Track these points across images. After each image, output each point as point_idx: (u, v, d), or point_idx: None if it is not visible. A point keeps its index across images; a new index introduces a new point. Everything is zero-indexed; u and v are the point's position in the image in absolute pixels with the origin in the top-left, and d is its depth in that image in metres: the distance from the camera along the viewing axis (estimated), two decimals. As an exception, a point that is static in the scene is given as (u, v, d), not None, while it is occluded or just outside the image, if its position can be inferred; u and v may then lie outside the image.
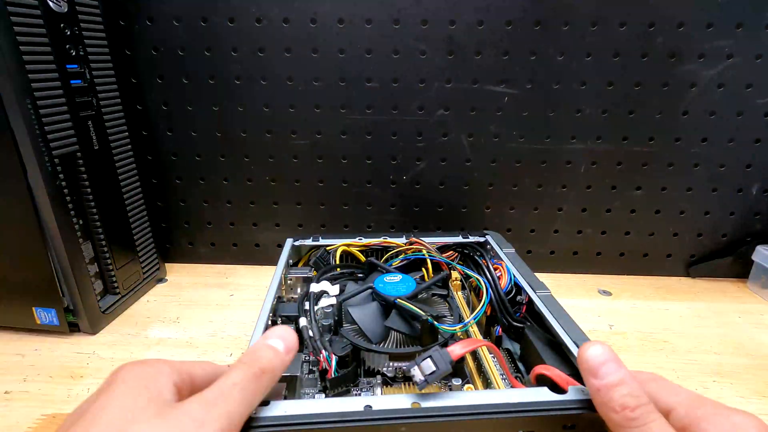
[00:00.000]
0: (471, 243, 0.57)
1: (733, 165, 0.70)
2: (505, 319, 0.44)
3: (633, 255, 0.76)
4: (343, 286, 0.47)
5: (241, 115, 0.68)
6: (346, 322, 0.41)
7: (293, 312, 0.42)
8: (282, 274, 0.49)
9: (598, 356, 0.27)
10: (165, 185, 0.73)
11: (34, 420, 0.45)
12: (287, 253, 0.53)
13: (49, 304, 0.56)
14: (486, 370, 0.38)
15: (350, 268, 0.52)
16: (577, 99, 0.66)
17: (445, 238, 0.58)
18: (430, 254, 0.51)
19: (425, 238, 0.56)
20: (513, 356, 0.44)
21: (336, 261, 0.52)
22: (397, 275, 0.43)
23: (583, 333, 0.36)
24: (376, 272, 0.47)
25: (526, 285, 0.45)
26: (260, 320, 0.38)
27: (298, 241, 0.56)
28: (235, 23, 0.63)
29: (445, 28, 0.63)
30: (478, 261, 0.53)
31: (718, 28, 0.62)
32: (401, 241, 0.55)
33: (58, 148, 0.51)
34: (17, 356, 0.54)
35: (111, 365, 0.54)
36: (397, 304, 0.38)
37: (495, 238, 0.57)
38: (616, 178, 0.71)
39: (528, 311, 0.44)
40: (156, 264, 0.71)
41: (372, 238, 0.55)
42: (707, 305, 0.69)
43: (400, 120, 0.68)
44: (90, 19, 0.55)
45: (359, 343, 0.38)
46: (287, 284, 0.51)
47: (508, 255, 0.52)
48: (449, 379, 0.38)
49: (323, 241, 0.56)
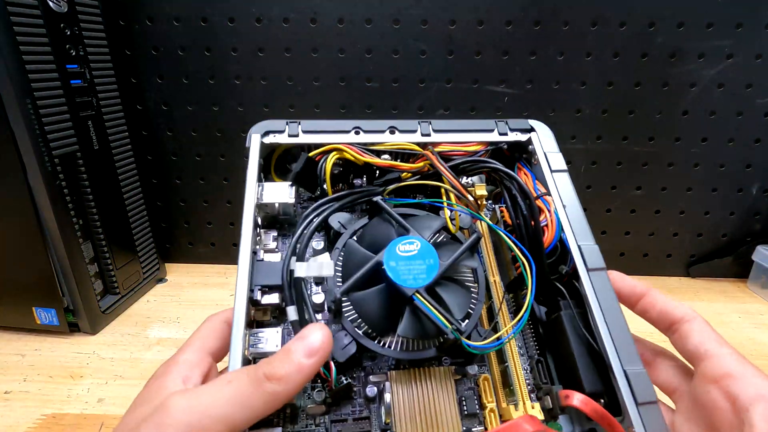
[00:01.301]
0: (510, 143, 0.40)
1: (733, 165, 0.70)
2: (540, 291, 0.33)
3: (633, 255, 0.76)
4: (337, 230, 0.35)
5: (241, 115, 0.68)
6: (347, 306, 0.32)
7: (275, 279, 0.31)
8: (254, 215, 0.33)
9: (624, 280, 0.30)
10: (165, 185, 0.73)
11: (34, 420, 0.45)
12: (256, 161, 0.35)
13: (49, 304, 0.56)
14: (511, 374, 0.32)
15: (349, 197, 0.36)
16: (577, 99, 0.66)
17: (474, 135, 0.39)
18: (450, 203, 0.37)
19: (447, 135, 0.38)
20: (536, 317, 0.35)
21: (327, 180, 0.37)
22: (414, 240, 0.31)
23: (637, 356, 0.28)
24: (381, 219, 0.35)
25: (576, 251, 0.33)
26: (237, 308, 0.29)
27: (268, 135, 0.38)
28: (235, 23, 0.63)
29: (445, 28, 0.63)
30: (519, 202, 0.35)
31: (718, 28, 0.62)
32: (415, 138, 0.38)
33: (58, 148, 0.51)
34: (17, 356, 0.54)
35: (111, 365, 0.54)
36: (415, 303, 0.29)
37: (543, 136, 0.40)
38: (616, 178, 0.71)
39: (568, 283, 0.33)
40: (156, 264, 0.71)
41: (374, 134, 0.38)
42: (707, 305, 0.69)
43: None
44: (90, 19, 0.55)
45: (366, 343, 0.31)
46: (261, 214, 0.36)
47: (560, 181, 0.37)
48: (464, 366, 0.32)
49: (305, 137, 0.37)
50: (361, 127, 0.37)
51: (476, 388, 0.32)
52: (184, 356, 0.28)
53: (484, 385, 0.32)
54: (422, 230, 0.33)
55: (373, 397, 0.31)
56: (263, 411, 0.24)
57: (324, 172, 0.37)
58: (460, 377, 0.32)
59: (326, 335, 0.26)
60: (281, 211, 0.37)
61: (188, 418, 0.22)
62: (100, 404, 0.48)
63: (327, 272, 0.32)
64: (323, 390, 0.30)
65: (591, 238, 0.33)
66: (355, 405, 0.31)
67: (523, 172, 0.39)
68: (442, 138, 0.38)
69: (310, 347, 0.25)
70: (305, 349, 0.25)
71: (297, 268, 0.32)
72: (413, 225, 0.33)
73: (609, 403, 0.28)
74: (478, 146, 0.39)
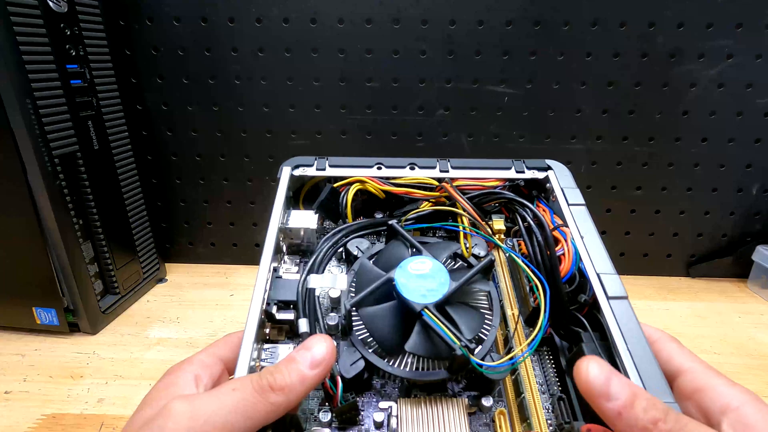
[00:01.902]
0: (527, 180, 0.41)
1: (733, 165, 0.70)
2: (559, 323, 0.34)
3: (633, 255, 0.76)
4: (356, 255, 0.37)
5: (241, 115, 0.68)
6: (356, 323, 0.32)
7: (291, 295, 0.32)
8: (276, 236, 0.35)
9: (600, 375, 0.23)
10: (165, 185, 0.73)
11: (34, 420, 0.46)
12: (284, 190, 0.38)
13: (49, 304, 0.56)
14: (528, 406, 0.30)
15: (368, 225, 0.39)
16: (577, 99, 0.66)
17: (492, 172, 0.41)
18: (465, 227, 0.38)
19: (464, 172, 0.40)
20: (556, 348, 0.34)
21: (348, 207, 0.40)
22: (425, 260, 0.31)
23: (667, 387, 0.26)
24: (396, 242, 0.36)
25: (595, 280, 0.32)
26: (250, 317, 0.30)
27: (299, 169, 0.41)
28: (235, 23, 0.63)
29: (445, 28, 0.63)
30: (533, 230, 0.36)
31: (718, 28, 0.62)
32: (434, 174, 0.40)
33: (58, 148, 0.51)
34: (17, 356, 0.54)
35: (111, 365, 0.54)
36: (423, 319, 0.29)
37: (560, 174, 0.40)
38: (616, 178, 0.71)
39: (589, 314, 0.33)
40: (156, 264, 0.71)
41: (395, 170, 0.41)
42: (707, 305, 0.69)
43: (400, 120, 0.68)
44: (90, 19, 0.55)
45: (374, 360, 0.30)
46: (286, 241, 0.38)
47: (577, 214, 0.36)
48: (478, 398, 0.31)
49: (331, 170, 0.41)
50: (383, 163, 0.41)
51: (492, 424, 0.30)
52: (198, 356, 0.29)
53: (499, 420, 0.30)
54: (437, 254, 0.33)
55: (380, 423, 0.29)
56: (264, 421, 0.24)
57: (345, 202, 0.40)
58: (474, 410, 0.31)
59: (330, 347, 0.26)
60: (305, 240, 0.39)
61: (190, 424, 0.22)
62: (100, 404, 0.48)
63: (340, 285, 0.33)
64: (329, 411, 0.30)
65: (611, 268, 0.33)
66: (362, 431, 0.29)
67: (541, 207, 0.40)
68: (460, 174, 0.41)
69: (314, 359, 0.25)
70: (309, 361, 0.25)
71: (311, 279, 0.33)
72: (428, 249, 0.34)
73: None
74: (496, 182, 0.41)
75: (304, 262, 0.38)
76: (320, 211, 0.41)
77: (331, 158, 0.41)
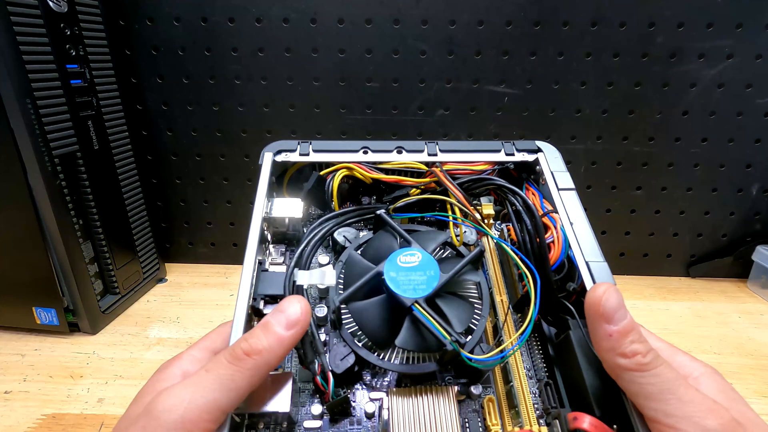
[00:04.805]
0: (517, 163, 0.40)
1: (733, 165, 0.70)
2: (547, 309, 0.34)
3: (633, 255, 0.76)
4: (342, 244, 0.35)
5: (241, 115, 0.68)
6: (346, 318, 0.32)
7: (277, 289, 0.32)
8: (261, 227, 0.34)
9: (614, 301, 0.25)
10: (165, 185, 0.73)
11: (34, 420, 0.46)
12: (267, 177, 0.36)
13: (49, 304, 0.56)
14: (516, 394, 0.30)
15: (355, 213, 0.38)
16: (577, 99, 0.66)
17: (481, 155, 0.40)
18: (456, 217, 0.37)
19: (453, 155, 0.39)
20: (544, 335, 0.34)
21: (334, 195, 0.38)
22: (414, 252, 0.31)
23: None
24: (385, 233, 0.35)
25: (583, 267, 0.32)
26: (237, 314, 0.29)
27: (281, 154, 0.39)
28: (235, 23, 0.63)
29: (445, 28, 0.63)
30: (523, 217, 0.35)
31: (718, 28, 0.62)
32: (422, 158, 0.39)
33: (58, 148, 0.51)
34: (17, 356, 0.54)
35: (111, 365, 0.54)
36: (414, 313, 0.28)
37: (550, 157, 0.39)
38: (616, 178, 0.71)
39: (577, 301, 0.32)
40: (156, 264, 0.71)
41: (382, 154, 0.38)
42: (707, 305, 0.69)
43: (400, 120, 0.68)
44: (90, 19, 0.55)
45: (364, 354, 0.30)
46: (271, 229, 0.37)
47: (567, 199, 0.36)
48: (467, 386, 0.31)
49: (315, 156, 0.39)
50: (369, 147, 0.38)
51: (481, 411, 0.31)
52: (189, 351, 0.29)
53: (488, 407, 0.30)
54: (426, 244, 0.33)
55: (371, 414, 0.30)
56: (248, 387, 0.24)
57: (331, 189, 0.38)
58: (463, 398, 0.31)
59: (304, 307, 0.26)
60: (290, 228, 0.38)
61: (174, 416, 0.22)
62: (100, 404, 0.48)
63: (329, 281, 0.32)
64: (321, 403, 0.30)
65: (600, 256, 0.33)
66: (353, 421, 0.30)
67: (531, 191, 0.39)
68: (449, 158, 0.39)
69: (289, 319, 0.26)
70: (285, 322, 0.26)
71: (299, 276, 0.32)
72: (418, 239, 0.33)
73: (622, 428, 0.26)
74: (485, 166, 0.40)
75: (291, 251, 0.37)
76: (306, 199, 0.39)
77: (315, 142, 0.39)
